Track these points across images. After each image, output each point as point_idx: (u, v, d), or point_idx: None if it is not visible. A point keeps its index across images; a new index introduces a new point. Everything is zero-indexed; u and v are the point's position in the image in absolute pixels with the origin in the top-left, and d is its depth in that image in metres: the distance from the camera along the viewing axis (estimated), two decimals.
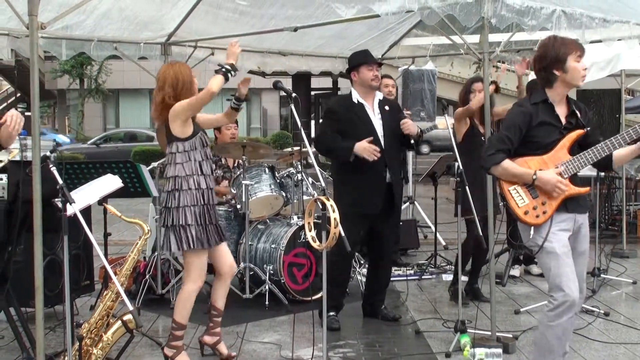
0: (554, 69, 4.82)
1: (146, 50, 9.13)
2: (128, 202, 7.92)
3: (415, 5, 5.73)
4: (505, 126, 4.90)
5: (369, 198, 6.64)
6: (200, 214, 5.72)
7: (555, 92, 4.90)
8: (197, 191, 5.73)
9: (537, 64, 4.93)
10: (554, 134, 4.88)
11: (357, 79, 6.80)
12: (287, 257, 7.65)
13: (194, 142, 5.76)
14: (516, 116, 4.89)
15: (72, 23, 7.90)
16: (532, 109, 4.87)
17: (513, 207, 4.85)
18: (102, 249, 6.58)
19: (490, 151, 4.84)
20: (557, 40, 4.91)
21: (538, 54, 4.94)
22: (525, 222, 4.84)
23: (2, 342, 6.36)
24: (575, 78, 4.86)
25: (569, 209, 4.86)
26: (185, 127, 5.73)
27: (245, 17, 8.63)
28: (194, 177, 5.75)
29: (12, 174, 5.56)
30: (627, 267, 9.50)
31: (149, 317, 7.32)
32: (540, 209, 4.81)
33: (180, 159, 5.75)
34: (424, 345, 6.45)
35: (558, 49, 4.82)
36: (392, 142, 6.83)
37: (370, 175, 6.65)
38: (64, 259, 4.93)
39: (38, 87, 4.74)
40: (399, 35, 10.23)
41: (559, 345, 4.87)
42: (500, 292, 8.14)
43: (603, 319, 7.17)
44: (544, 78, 4.90)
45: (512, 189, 4.87)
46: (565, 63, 4.80)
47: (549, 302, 4.86)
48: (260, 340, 6.59)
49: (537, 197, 4.83)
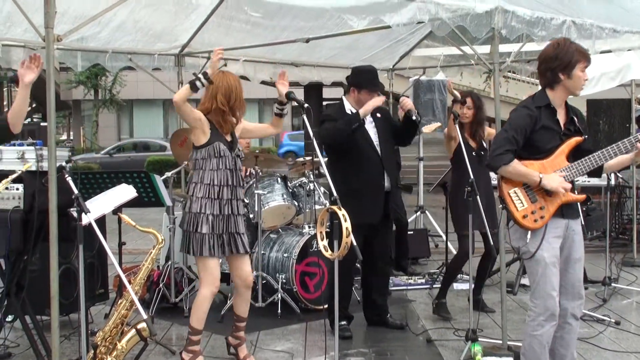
0: (561, 73, 4.83)
1: (160, 61, 9.19)
2: (142, 211, 7.93)
3: (426, 16, 5.73)
4: (512, 127, 4.88)
5: (368, 207, 6.62)
6: (200, 222, 5.79)
7: (556, 95, 4.91)
8: (200, 200, 5.81)
9: (544, 63, 4.92)
10: (553, 139, 4.90)
11: (355, 96, 6.80)
12: (300, 266, 7.65)
13: (208, 151, 5.83)
14: (522, 118, 4.89)
15: (88, 35, 7.94)
16: (536, 112, 4.88)
17: (512, 211, 4.87)
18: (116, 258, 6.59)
19: (499, 151, 4.83)
20: (572, 45, 4.91)
21: (549, 53, 4.90)
22: (523, 225, 4.85)
23: (18, 350, 6.37)
24: (577, 86, 4.89)
25: (565, 215, 4.90)
26: (199, 135, 5.83)
27: (258, 28, 8.65)
28: (200, 185, 5.84)
29: (28, 184, 5.57)
30: (637, 276, 9.44)
31: (163, 325, 7.33)
32: (539, 214, 4.83)
33: (196, 166, 5.92)
34: (435, 353, 6.44)
35: (571, 54, 4.82)
36: (387, 148, 6.86)
37: (369, 183, 6.66)
38: (79, 268, 4.96)
39: (54, 99, 4.76)
40: (410, 46, 10.23)
41: (543, 353, 4.91)
42: (511, 300, 8.12)
43: (614, 327, 7.14)
44: (548, 78, 4.91)
45: (512, 192, 4.89)
46: (573, 70, 4.81)
47: (531, 309, 4.93)
48: (273, 348, 6.59)
49: (536, 202, 4.85)
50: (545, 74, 4.92)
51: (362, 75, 6.88)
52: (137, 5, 7.44)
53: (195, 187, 5.85)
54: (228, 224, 5.86)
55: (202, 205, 5.79)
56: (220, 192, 5.83)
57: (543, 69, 4.93)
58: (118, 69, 9.40)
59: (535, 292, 4.89)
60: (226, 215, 5.85)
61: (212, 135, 5.84)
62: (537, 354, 4.90)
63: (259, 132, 6.61)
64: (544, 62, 4.93)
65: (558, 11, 6.43)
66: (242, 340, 6.24)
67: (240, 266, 6.06)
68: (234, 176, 5.92)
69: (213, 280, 5.89)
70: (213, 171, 5.83)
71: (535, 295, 4.89)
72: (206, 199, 5.80)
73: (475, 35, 6.03)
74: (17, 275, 5.84)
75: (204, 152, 5.83)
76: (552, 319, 4.84)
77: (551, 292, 4.82)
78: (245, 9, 7.73)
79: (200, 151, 5.84)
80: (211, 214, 5.79)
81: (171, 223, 7.86)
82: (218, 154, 5.83)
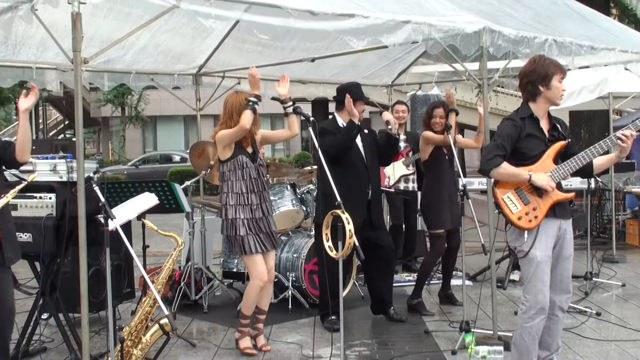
0: (540, 85, 4.84)
1: (179, 80, 9.23)
2: (164, 217, 7.93)
3: (420, 36, 5.73)
4: (499, 136, 4.89)
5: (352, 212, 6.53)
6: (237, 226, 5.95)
7: (538, 106, 4.92)
8: (234, 207, 5.96)
9: (524, 77, 4.94)
10: (539, 146, 4.90)
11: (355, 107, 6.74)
12: (308, 266, 7.64)
13: (233, 164, 5.98)
14: (508, 128, 4.88)
15: (113, 57, 7.97)
16: (520, 122, 4.89)
17: (508, 214, 4.85)
18: (141, 260, 6.63)
19: (489, 156, 4.83)
20: (547, 60, 4.96)
21: (528, 68, 4.93)
22: (519, 226, 4.83)
23: (52, 345, 6.38)
24: (556, 96, 4.89)
25: (557, 215, 4.88)
26: (226, 151, 5.98)
27: (268, 49, 8.67)
28: (231, 194, 5.99)
29: (60, 193, 5.58)
30: (616, 271, 9.41)
31: (184, 320, 7.31)
32: (532, 214, 4.81)
33: (222, 178, 6.08)
34: (432, 344, 6.42)
35: (547, 67, 4.85)
36: (372, 160, 6.88)
37: (354, 190, 6.62)
38: (107, 269, 4.96)
39: (82, 116, 4.76)
40: (407, 63, 10.22)
41: (532, 344, 4.90)
42: (501, 294, 8.10)
43: (595, 318, 7.12)
44: (529, 92, 4.92)
45: (505, 197, 4.87)
46: (550, 81, 4.83)
47: (523, 303, 4.92)
48: (284, 340, 6.57)
49: (529, 203, 4.83)
50: (526, 88, 4.94)
51: (352, 88, 6.87)
52: (157, 30, 7.47)
53: (227, 197, 6.02)
54: (261, 225, 6.05)
55: (236, 211, 5.98)
56: (249, 198, 6.00)
57: (524, 83, 4.95)
58: (141, 88, 9.42)
59: (527, 288, 4.87)
60: (258, 218, 6.04)
61: (236, 149, 5.97)
62: (527, 344, 4.88)
63: (277, 138, 6.69)
64: (524, 77, 4.95)
65: (540, 31, 6.43)
66: (260, 332, 6.33)
67: (267, 261, 6.16)
68: (259, 183, 6.08)
69: (258, 274, 6.03)
70: (239, 181, 6.00)
71: (527, 291, 4.87)
72: (238, 205, 5.99)
73: (466, 53, 6.05)
74: (50, 277, 5.85)
75: (230, 165, 6.00)
76: (542, 313, 4.83)
77: (542, 288, 4.81)
78: (256, 32, 7.76)
79: (227, 164, 6.01)
80: (245, 218, 5.98)
81: (191, 227, 7.87)
82: (241, 166, 5.99)
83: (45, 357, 6.06)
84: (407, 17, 5.67)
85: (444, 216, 7.31)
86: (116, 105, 39.59)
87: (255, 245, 5.98)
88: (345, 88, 6.91)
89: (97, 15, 6.66)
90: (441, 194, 7.32)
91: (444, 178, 7.36)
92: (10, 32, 6.50)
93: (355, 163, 6.76)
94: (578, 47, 6.64)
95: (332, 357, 5.87)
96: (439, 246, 7.45)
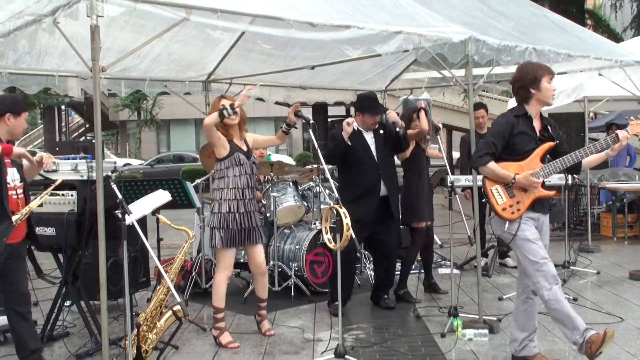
0: (531, 88, 4.87)
1: (190, 87, 9.25)
2: (176, 212, 7.93)
3: (411, 45, 5.73)
4: (492, 133, 4.92)
5: (363, 208, 6.58)
6: (228, 220, 5.86)
7: (532, 107, 4.94)
8: (229, 202, 5.88)
9: (516, 83, 4.96)
10: (530, 143, 4.92)
11: (359, 119, 6.77)
12: (309, 256, 7.63)
13: (230, 161, 5.90)
14: (501, 125, 4.92)
15: (129, 66, 7.96)
16: (514, 120, 4.91)
17: (493, 204, 4.88)
18: (155, 252, 6.62)
19: (479, 153, 4.87)
20: (534, 64, 5.01)
21: (518, 74, 4.96)
22: (502, 217, 4.86)
23: (74, 330, 6.39)
24: (548, 96, 4.90)
25: (536, 209, 4.91)
26: (219, 149, 5.90)
27: (272, 58, 8.66)
28: (227, 190, 5.91)
29: (81, 191, 5.58)
30: (592, 260, 9.42)
31: (195, 307, 7.32)
32: (515, 207, 4.85)
33: (218, 175, 5.98)
34: (423, 327, 6.42)
35: (535, 71, 4.89)
36: (386, 159, 6.81)
37: (366, 188, 6.64)
38: (124, 260, 4.96)
39: (100, 120, 4.76)
40: (399, 70, 10.22)
41: (565, 305, 4.75)
42: (486, 282, 8.10)
43: (572, 303, 7.07)
44: (522, 95, 4.94)
45: (493, 189, 4.89)
46: (540, 83, 4.85)
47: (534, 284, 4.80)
48: (287, 325, 6.57)
49: (514, 197, 4.86)
50: (519, 92, 4.96)
51: (364, 101, 6.85)
52: (170, 41, 7.45)
53: (222, 192, 5.92)
54: (249, 219, 5.95)
55: (231, 206, 5.88)
56: (243, 193, 5.91)
57: (516, 88, 4.98)
58: (156, 94, 9.43)
59: (529, 268, 4.79)
60: (248, 212, 5.94)
61: (232, 148, 5.90)
62: (562, 311, 4.73)
63: (266, 143, 6.57)
64: (515, 83, 4.98)
65: (521, 40, 6.43)
66: (263, 317, 6.34)
67: (254, 255, 6.13)
68: (252, 179, 6.02)
69: (227, 267, 6.04)
70: (236, 177, 5.90)
71: (530, 271, 4.79)
72: (233, 200, 5.88)
73: (453, 60, 6.05)
74: (72, 267, 5.85)
75: (227, 162, 5.91)
76: (555, 280, 4.73)
77: (543, 259, 4.74)
78: (260, 42, 7.76)
79: (224, 162, 5.92)
80: (237, 213, 5.88)
81: (201, 222, 7.89)
82: (238, 163, 5.90)
83: (68, 341, 6.05)
84: (399, 28, 5.67)
85: (423, 211, 7.31)
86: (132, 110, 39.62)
87: (231, 241, 5.89)
88: (357, 100, 6.89)
89: (114, 27, 6.66)
90: (421, 190, 7.31)
91: (422, 175, 7.36)
92: (34, 43, 6.50)
93: (366, 162, 6.69)
94: (556, 55, 6.64)
95: (331, 340, 5.87)
96: (420, 239, 7.45)
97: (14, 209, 4.78)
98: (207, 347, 5.94)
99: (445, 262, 9.21)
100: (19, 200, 4.87)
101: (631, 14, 22.69)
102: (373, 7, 6.04)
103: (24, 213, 4.80)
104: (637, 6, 21.61)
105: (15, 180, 4.89)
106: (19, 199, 4.88)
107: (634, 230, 11.67)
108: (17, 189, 4.89)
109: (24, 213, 4.80)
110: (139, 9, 4.46)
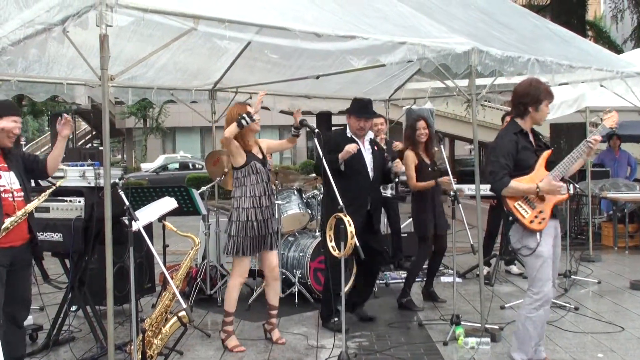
0: (531, 106, 4.95)
1: (196, 95, 9.26)
2: (182, 219, 7.92)
3: (415, 56, 5.73)
4: (502, 154, 4.92)
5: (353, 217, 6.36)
6: (247, 228, 5.86)
7: (525, 123, 5.03)
8: (247, 210, 5.89)
9: (518, 97, 5.01)
10: (532, 156, 4.97)
11: (348, 122, 6.66)
12: (313, 264, 7.63)
13: (247, 170, 5.92)
14: (508, 145, 4.95)
15: (136, 74, 7.99)
16: (515, 137, 4.96)
17: (521, 219, 4.89)
18: (161, 258, 6.63)
19: (498, 177, 4.88)
20: (542, 86, 5.02)
21: (523, 89, 5.01)
22: (532, 229, 4.86)
23: (80, 334, 6.40)
24: (542, 118, 5.03)
25: (554, 215, 4.98)
26: (236, 157, 5.91)
27: (277, 67, 8.68)
28: (244, 198, 5.92)
29: (88, 197, 5.60)
30: (593, 270, 9.40)
31: (200, 313, 7.32)
32: (540, 217, 4.88)
33: (236, 184, 5.99)
34: (425, 335, 6.41)
35: (541, 92, 4.96)
36: (377, 176, 6.66)
37: (355, 197, 6.37)
38: (130, 266, 4.97)
39: (108, 128, 4.77)
40: (403, 80, 10.22)
41: (535, 334, 4.94)
42: (488, 291, 8.07)
43: (573, 312, 7.11)
44: (519, 110, 5.01)
45: (516, 205, 4.91)
46: (540, 105, 4.94)
47: (529, 296, 4.93)
48: (291, 331, 6.56)
49: (536, 208, 4.89)
50: (518, 106, 5.02)
51: (353, 103, 6.73)
52: (177, 50, 7.48)
53: (240, 200, 5.92)
54: (266, 226, 5.97)
55: (249, 214, 5.88)
56: (260, 201, 5.93)
57: (516, 101, 5.03)
58: (162, 102, 9.44)
59: (534, 282, 4.89)
60: (265, 220, 5.96)
61: (248, 156, 5.92)
62: (530, 333, 4.91)
63: (278, 148, 6.56)
64: (518, 96, 5.03)
65: (524, 51, 6.43)
66: (274, 326, 6.30)
67: (269, 260, 6.12)
68: (268, 187, 6.04)
69: (242, 274, 6.04)
70: (253, 185, 5.92)
71: (534, 284, 4.90)
72: (252, 208, 5.90)
73: (456, 71, 6.04)
74: (79, 273, 5.86)
75: (244, 171, 5.93)
76: (547, 304, 4.89)
77: (548, 281, 4.86)
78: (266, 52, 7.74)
79: (241, 170, 5.94)
80: (255, 220, 5.89)
81: (206, 229, 7.89)
82: (255, 171, 5.92)
83: (73, 345, 6.06)
84: (403, 39, 5.67)
85: (428, 221, 7.29)
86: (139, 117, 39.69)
87: (250, 249, 5.89)
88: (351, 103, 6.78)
89: (122, 36, 6.69)
90: (425, 202, 7.31)
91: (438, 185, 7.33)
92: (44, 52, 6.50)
93: (361, 172, 6.53)
94: (558, 66, 6.65)
95: (334, 347, 5.86)
96: (425, 249, 7.44)
97: (10, 211, 4.73)
98: (212, 353, 5.94)
99: (448, 271, 9.20)
100: (15, 203, 4.79)
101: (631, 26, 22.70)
102: (377, 18, 6.05)
103: (19, 215, 4.75)
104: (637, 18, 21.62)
105: (12, 184, 4.83)
106: (16, 202, 4.80)
107: (634, 240, 11.67)
108: (14, 192, 4.82)
109: (20, 215, 4.76)
110: (147, 18, 4.46)
